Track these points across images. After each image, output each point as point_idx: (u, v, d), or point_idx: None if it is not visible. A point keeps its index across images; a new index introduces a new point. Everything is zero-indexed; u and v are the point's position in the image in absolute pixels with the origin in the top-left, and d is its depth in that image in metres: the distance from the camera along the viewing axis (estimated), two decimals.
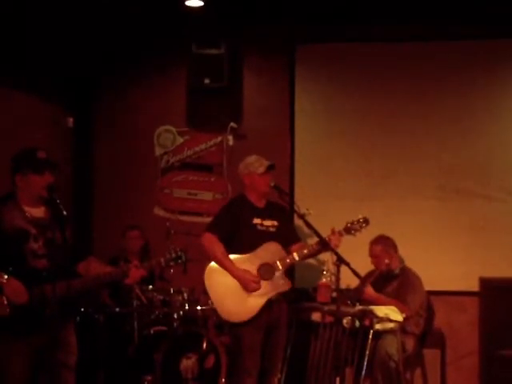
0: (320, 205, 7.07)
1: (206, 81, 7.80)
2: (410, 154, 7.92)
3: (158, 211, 8.29)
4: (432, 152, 7.89)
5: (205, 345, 6.64)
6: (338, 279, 5.40)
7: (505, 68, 7.83)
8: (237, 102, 8.20)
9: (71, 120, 8.26)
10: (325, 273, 6.27)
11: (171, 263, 5.03)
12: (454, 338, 7.67)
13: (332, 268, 5.67)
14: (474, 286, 7.61)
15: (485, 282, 7.56)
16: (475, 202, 7.82)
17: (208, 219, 7.69)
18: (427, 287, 7.11)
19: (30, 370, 4.57)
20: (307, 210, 5.74)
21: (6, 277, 4.43)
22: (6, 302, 4.45)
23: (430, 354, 7.50)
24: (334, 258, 5.43)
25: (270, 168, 5.84)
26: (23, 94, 7.28)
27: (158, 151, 8.33)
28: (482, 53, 7.84)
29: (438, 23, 7.68)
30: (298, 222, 6.02)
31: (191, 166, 8.30)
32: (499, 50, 7.83)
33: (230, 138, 8.16)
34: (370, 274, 7.02)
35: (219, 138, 8.22)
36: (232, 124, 8.12)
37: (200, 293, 6.94)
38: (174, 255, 5.00)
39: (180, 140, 8.31)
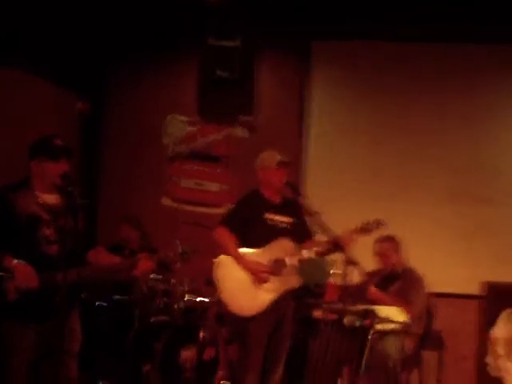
0: (327, 201, 7.09)
1: (219, 72, 7.78)
2: (419, 155, 7.95)
3: (166, 201, 8.27)
4: (441, 155, 7.94)
5: (204, 336, 6.64)
6: (346, 279, 5.38)
7: None
8: (248, 94, 8.18)
9: (84, 106, 8.23)
10: (333, 272, 6.25)
11: (179, 257, 5.03)
12: (454, 341, 7.66)
13: (341, 267, 5.67)
14: (476, 290, 7.62)
15: (489, 286, 7.57)
16: (481, 206, 7.86)
17: (214, 210, 7.76)
18: (429, 289, 7.13)
19: (35, 356, 4.56)
20: (319, 208, 5.72)
21: (17, 261, 4.42)
22: (14, 287, 4.44)
23: (428, 356, 7.52)
24: (344, 257, 5.42)
25: (283, 163, 5.82)
26: (36, 80, 7.28)
27: (167, 140, 8.31)
28: (496, 56, 7.88)
29: (454, 25, 7.69)
30: (309, 219, 5.97)
31: (199, 156, 8.31)
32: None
33: (240, 129, 8.14)
34: (373, 272, 7.01)
35: (229, 130, 8.20)
36: (242, 116, 8.09)
37: (201, 283, 6.96)
38: (182, 250, 5.00)
39: (189, 129, 8.28)
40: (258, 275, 5.62)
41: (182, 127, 8.27)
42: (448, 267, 7.73)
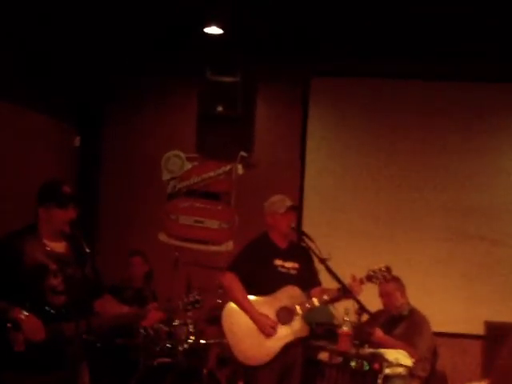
0: (326, 240, 6.96)
1: (219, 108, 7.72)
2: (419, 194, 7.92)
3: (163, 237, 8.18)
4: (442, 194, 7.90)
5: (207, 378, 6.55)
6: (360, 329, 5.30)
7: None
8: (248, 131, 8.14)
9: (78, 139, 8.15)
10: (346, 320, 6.14)
11: (189, 307, 4.95)
12: (457, 382, 7.58)
13: (353, 316, 5.59)
14: (479, 330, 7.55)
15: (490, 326, 7.51)
16: (482, 246, 7.85)
17: (213, 248, 7.67)
18: (433, 329, 7.06)
19: None
20: (329, 254, 5.63)
21: (25, 314, 4.31)
22: (22, 338, 4.33)
23: None
24: (356, 306, 5.34)
25: (292, 208, 5.74)
26: (33, 114, 7.21)
27: (166, 176, 8.24)
28: (500, 95, 7.85)
29: (456, 62, 7.69)
30: (318, 265, 5.88)
31: (198, 193, 8.22)
32: None
33: (240, 166, 8.07)
34: (378, 314, 6.91)
35: (228, 167, 8.14)
36: (242, 153, 8.04)
37: (204, 322, 6.88)
38: (192, 299, 4.93)
39: (188, 166, 8.22)
40: (266, 330, 5.53)
41: (181, 164, 8.19)
42: (449, 307, 7.68)
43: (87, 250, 4.52)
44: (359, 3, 6.77)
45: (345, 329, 6.09)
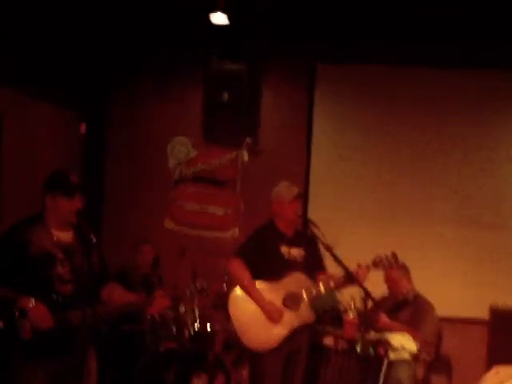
0: (332, 226, 7.00)
1: (225, 95, 7.73)
2: (426, 180, 7.91)
3: (169, 224, 8.21)
4: (448, 179, 7.90)
5: (213, 363, 6.60)
6: (365, 315, 5.33)
7: None
8: (254, 118, 8.14)
9: (83, 126, 8.17)
10: (352, 307, 6.19)
11: (196, 296, 5.00)
12: (462, 366, 7.62)
13: (359, 302, 5.63)
14: (484, 314, 7.58)
15: (495, 311, 7.54)
16: (488, 231, 7.85)
17: (219, 234, 7.69)
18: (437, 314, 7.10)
19: None
20: (334, 241, 5.66)
21: (33, 302, 4.34)
22: (29, 326, 4.37)
23: (437, 381, 7.47)
24: (362, 292, 5.38)
25: (299, 196, 5.77)
26: (39, 103, 7.23)
27: (172, 163, 8.26)
28: (505, 82, 7.82)
29: (462, 50, 7.67)
30: (324, 252, 5.90)
31: (204, 179, 8.24)
32: None
33: (245, 153, 8.08)
34: (383, 299, 6.95)
35: (234, 154, 8.15)
36: (248, 140, 8.04)
37: (209, 309, 6.92)
38: (198, 287, 4.97)
39: (194, 153, 8.24)
40: (272, 317, 5.58)
41: (187, 151, 8.21)
42: (454, 292, 7.71)
43: (94, 239, 4.55)
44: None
45: (350, 316, 6.14)
